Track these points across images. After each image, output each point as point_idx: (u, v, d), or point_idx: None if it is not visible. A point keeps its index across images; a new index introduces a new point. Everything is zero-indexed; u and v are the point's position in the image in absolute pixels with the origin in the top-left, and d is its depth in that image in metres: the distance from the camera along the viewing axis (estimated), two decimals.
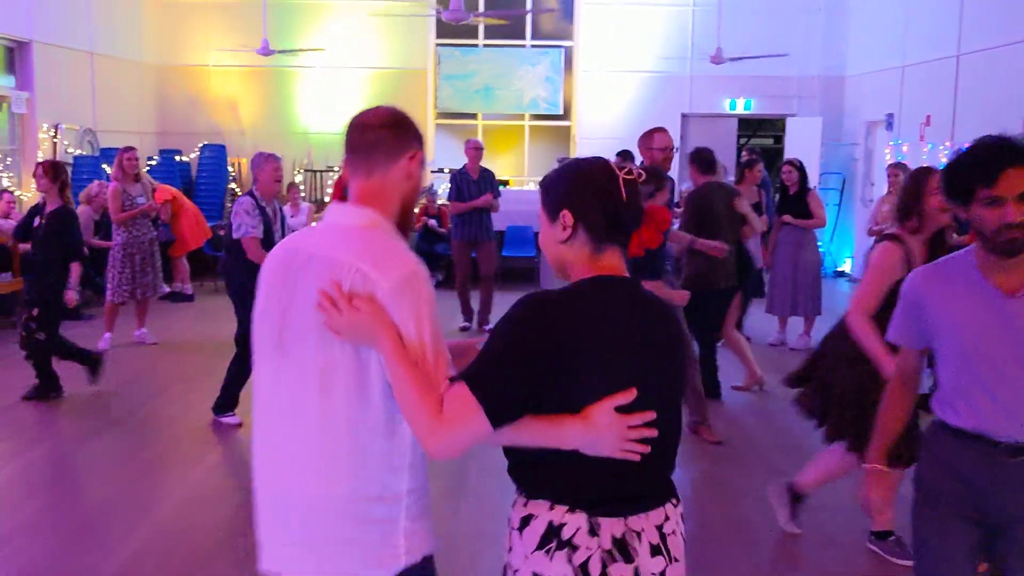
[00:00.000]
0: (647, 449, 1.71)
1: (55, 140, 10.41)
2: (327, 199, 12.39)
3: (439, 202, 11.87)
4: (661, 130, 5.53)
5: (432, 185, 12.44)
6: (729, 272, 6.12)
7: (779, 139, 14.64)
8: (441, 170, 12.81)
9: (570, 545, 1.71)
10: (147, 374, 7.15)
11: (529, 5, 11.92)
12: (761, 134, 16.81)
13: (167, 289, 9.85)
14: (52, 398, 6.25)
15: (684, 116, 13.02)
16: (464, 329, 8.90)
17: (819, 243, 8.33)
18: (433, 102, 13.24)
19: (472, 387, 1.67)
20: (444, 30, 13.02)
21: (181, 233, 10.23)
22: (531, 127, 13.56)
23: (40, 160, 6.92)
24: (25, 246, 7.62)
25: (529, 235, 11.54)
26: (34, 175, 6.59)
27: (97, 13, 11.38)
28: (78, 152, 10.82)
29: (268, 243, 5.51)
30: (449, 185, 8.95)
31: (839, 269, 12.42)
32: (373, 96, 12.94)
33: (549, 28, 13.44)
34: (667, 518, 1.80)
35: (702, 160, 6.31)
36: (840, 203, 12.56)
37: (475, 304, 8.94)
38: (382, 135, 1.89)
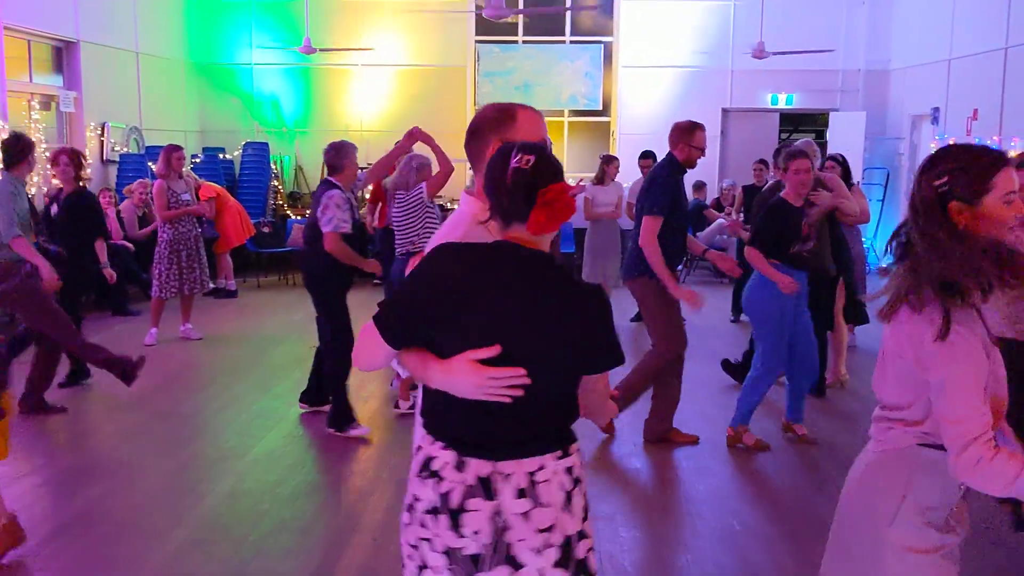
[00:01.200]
0: (514, 395, 1.90)
1: (102, 138, 10.60)
2: (366, 195, 12.45)
3: None
4: (703, 128, 5.48)
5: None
6: (828, 259, 5.98)
7: (821, 134, 14.46)
8: None
9: (437, 476, 1.96)
10: (192, 369, 7.26)
11: (569, 2, 11.89)
12: (803, 129, 16.62)
13: (212, 285, 9.99)
14: (81, 383, 6.51)
15: (725, 111, 12.93)
16: None
17: (863, 239, 8.23)
18: (472, 99, 13.27)
19: (376, 315, 2.00)
20: (483, 27, 13.04)
21: (225, 230, 10.38)
22: (570, 123, 13.54)
23: (59, 148, 7.08)
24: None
25: (569, 231, 11.53)
26: (53, 163, 6.75)
27: (142, 13, 11.56)
28: (124, 150, 11.00)
29: (350, 238, 5.43)
30: None
31: (883, 265, 12.25)
32: (412, 94, 13.01)
33: (588, 24, 13.41)
34: (542, 467, 1.95)
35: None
36: (884, 198, 12.40)
37: None
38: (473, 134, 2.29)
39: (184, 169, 8.31)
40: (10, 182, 5.72)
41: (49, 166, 7.61)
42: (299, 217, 11.85)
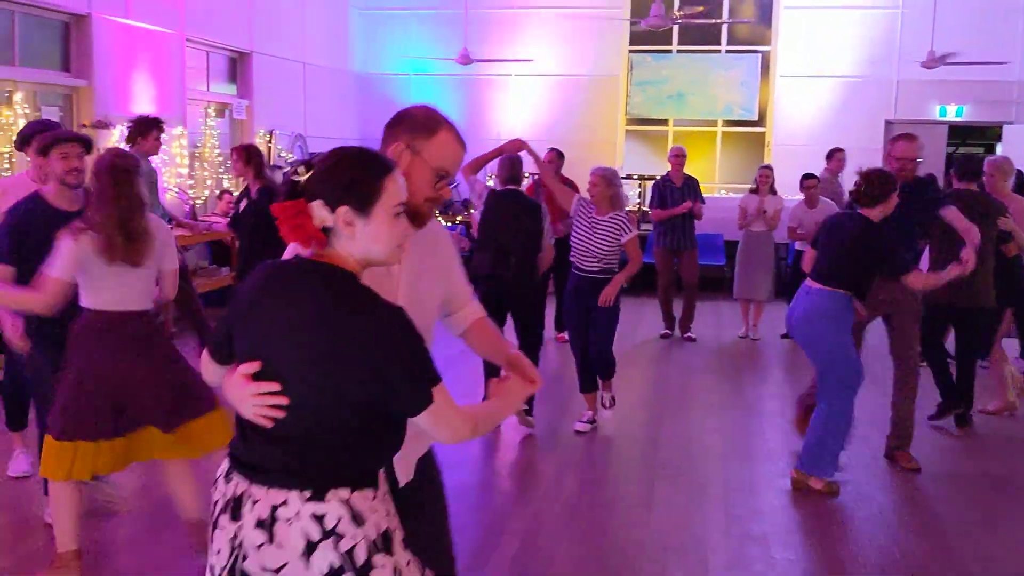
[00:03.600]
0: (274, 416, 1.80)
1: (270, 145, 11.14)
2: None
3: (626, 209, 11.83)
4: (906, 138, 5.25)
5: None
6: (988, 289, 5.69)
7: (990, 148, 13.67)
8: (630, 176, 12.78)
9: (216, 482, 1.93)
10: None
11: (726, 14, 11.71)
12: (971, 142, 15.76)
13: None
14: None
15: (888, 123, 12.40)
16: (665, 336, 8.88)
17: None
18: (623, 108, 13.23)
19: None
20: (638, 37, 12.99)
21: None
22: (723, 133, 13.31)
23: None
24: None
25: (719, 243, 11.33)
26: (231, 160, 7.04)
27: (310, 26, 12.09)
28: (290, 156, 11.52)
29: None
30: (638, 191, 8.96)
31: None
32: (564, 103, 13.09)
33: (745, 33, 13.14)
34: (286, 503, 1.78)
35: (961, 167, 6.02)
36: None
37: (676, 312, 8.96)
38: None
39: None
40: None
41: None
42: (450, 224, 12.10)
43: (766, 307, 9.00)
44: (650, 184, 10.53)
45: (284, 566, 1.78)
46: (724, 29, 12.96)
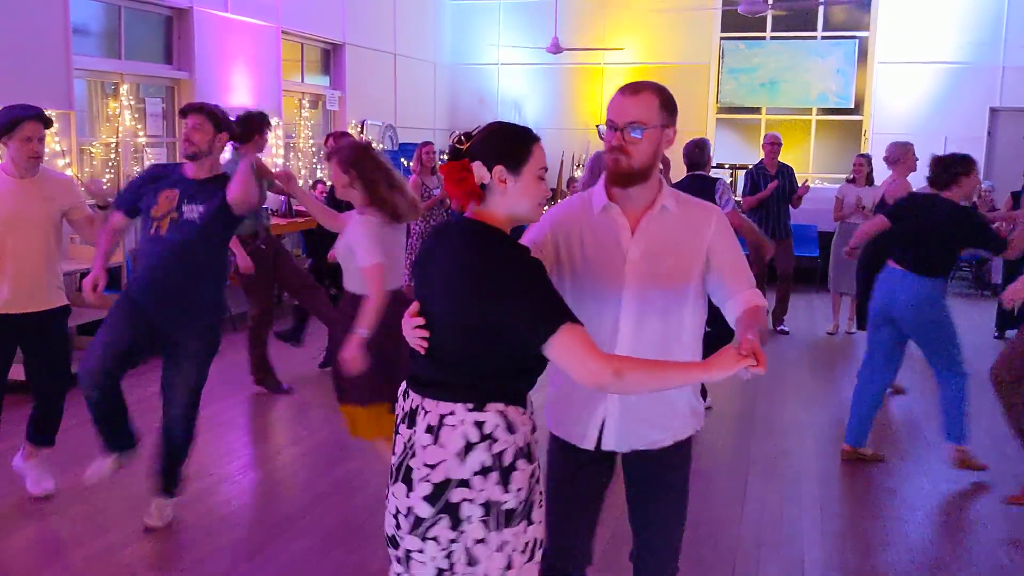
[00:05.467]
0: (423, 346, 2.14)
1: (361, 135, 11.30)
2: None
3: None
4: None
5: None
6: None
7: None
8: (721, 165, 12.58)
9: (399, 397, 2.27)
10: None
11: None
12: None
13: None
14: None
15: (993, 110, 11.91)
16: None
17: None
18: (714, 97, 13.02)
19: None
20: (729, 23, 12.76)
21: None
22: (818, 121, 12.98)
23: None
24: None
25: (813, 234, 11.08)
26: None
27: (401, 17, 12.22)
28: (380, 147, 11.68)
29: None
30: (729, 180, 8.81)
31: None
32: None
33: (842, 18, 12.78)
34: (452, 412, 2.09)
35: None
36: None
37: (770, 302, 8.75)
38: None
39: (435, 165, 8.70)
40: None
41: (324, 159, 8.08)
42: None
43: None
44: (742, 173, 10.34)
45: (441, 462, 2.08)
46: (820, 14, 12.63)
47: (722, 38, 12.93)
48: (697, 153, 6.03)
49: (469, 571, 2.10)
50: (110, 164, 7.67)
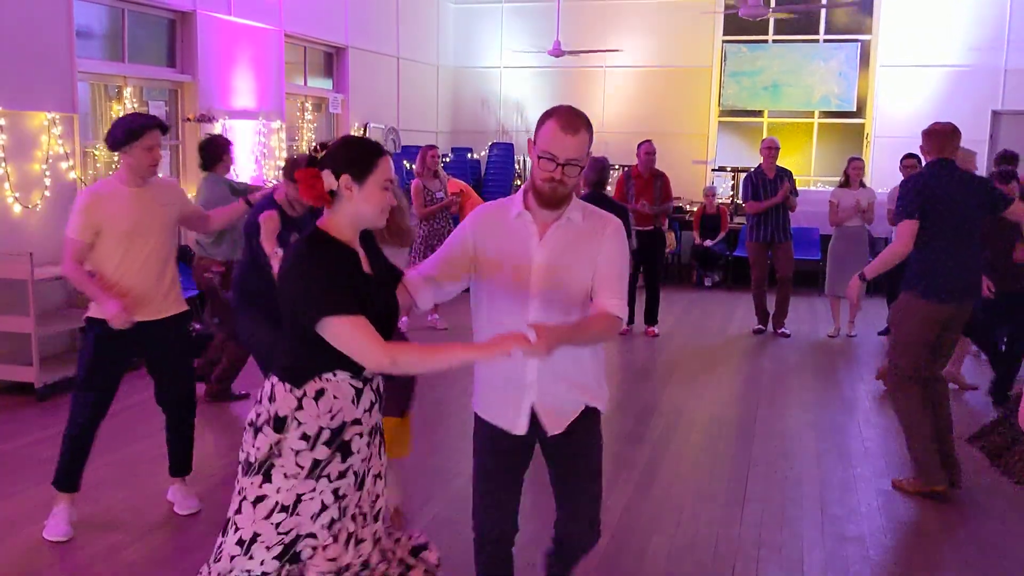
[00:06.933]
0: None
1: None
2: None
3: (718, 201, 11.69)
4: None
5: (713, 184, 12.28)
6: None
7: None
8: (723, 168, 12.60)
9: None
10: None
11: (825, 2, 11.43)
12: None
13: None
14: None
15: (995, 113, 11.93)
16: (758, 332, 8.75)
17: None
18: (717, 100, 13.04)
19: None
20: (732, 27, 12.78)
21: None
22: (820, 124, 13.00)
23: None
24: None
25: (815, 237, 11.08)
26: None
27: (404, 21, 12.25)
28: None
29: None
30: (731, 183, 8.83)
31: None
32: (656, 95, 12.97)
33: (844, 21, 12.80)
34: (274, 386, 2.44)
35: None
36: None
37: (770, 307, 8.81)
38: None
39: (437, 168, 8.72)
40: (214, 181, 6.33)
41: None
42: None
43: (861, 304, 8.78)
44: (743, 176, 10.36)
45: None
46: (822, 18, 12.65)
47: (724, 41, 12.96)
48: (599, 173, 6.74)
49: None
50: (113, 167, 7.69)
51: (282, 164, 9.56)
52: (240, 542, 2.39)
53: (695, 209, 11.89)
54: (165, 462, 4.38)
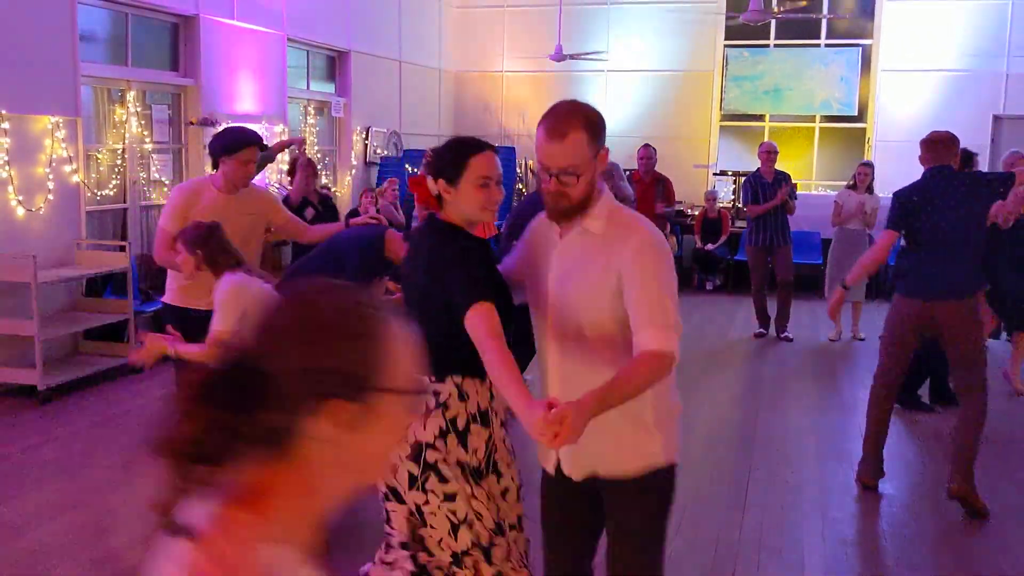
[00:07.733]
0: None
1: (366, 142, 11.36)
2: None
3: (719, 205, 11.70)
4: None
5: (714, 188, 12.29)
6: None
7: None
8: (724, 173, 12.62)
9: None
10: None
11: (826, 8, 11.45)
12: None
13: None
14: None
15: (996, 118, 11.94)
16: (759, 336, 8.76)
17: None
18: (718, 104, 13.06)
19: None
20: (733, 31, 12.80)
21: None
22: (821, 129, 13.01)
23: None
24: None
25: (816, 241, 11.09)
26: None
27: (406, 24, 12.28)
28: (384, 153, 11.73)
29: None
30: (732, 188, 8.85)
31: None
32: (658, 99, 12.99)
33: (845, 26, 12.82)
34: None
35: None
36: None
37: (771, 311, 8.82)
38: None
39: None
40: None
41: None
42: None
43: (864, 307, 8.80)
44: (743, 180, 10.38)
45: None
46: (824, 22, 12.67)
47: (726, 45, 12.98)
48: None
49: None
50: (116, 170, 7.72)
51: (285, 168, 9.59)
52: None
53: (696, 213, 11.91)
54: None
